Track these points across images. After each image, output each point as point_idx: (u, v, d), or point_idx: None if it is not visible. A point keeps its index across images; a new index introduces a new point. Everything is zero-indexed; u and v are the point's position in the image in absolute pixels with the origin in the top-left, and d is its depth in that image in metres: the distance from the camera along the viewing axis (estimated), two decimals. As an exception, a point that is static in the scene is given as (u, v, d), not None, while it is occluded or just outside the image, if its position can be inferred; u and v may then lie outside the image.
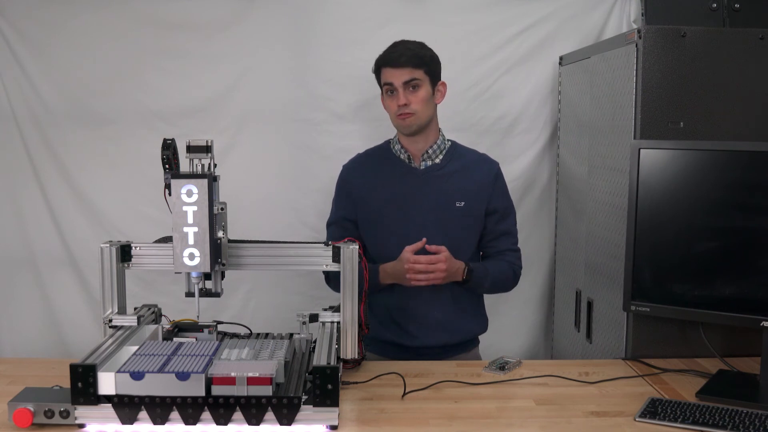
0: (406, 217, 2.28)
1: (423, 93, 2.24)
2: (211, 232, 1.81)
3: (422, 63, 2.23)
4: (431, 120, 2.30)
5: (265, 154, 2.88)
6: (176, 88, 2.82)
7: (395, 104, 2.24)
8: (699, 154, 1.94)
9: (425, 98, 2.24)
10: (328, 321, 1.99)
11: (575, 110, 2.71)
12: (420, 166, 2.32)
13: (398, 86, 2.22)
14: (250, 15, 2.80)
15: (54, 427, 1.61)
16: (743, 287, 1.91)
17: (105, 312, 1.94)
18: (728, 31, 2.34)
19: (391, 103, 2.27)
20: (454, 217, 2.29)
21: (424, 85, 2.24)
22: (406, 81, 2.22)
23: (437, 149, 2.32)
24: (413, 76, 2.22)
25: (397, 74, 2.22)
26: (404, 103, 2.22)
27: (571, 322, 2.74)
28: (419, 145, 2.31)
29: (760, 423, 1.67)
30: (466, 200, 2.29)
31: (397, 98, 2.23)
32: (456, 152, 2.36)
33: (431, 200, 2.29)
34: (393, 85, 2.23)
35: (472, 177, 2.32)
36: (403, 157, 2.34)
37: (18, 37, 2.78)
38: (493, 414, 1.78)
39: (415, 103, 2.23)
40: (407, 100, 2.22)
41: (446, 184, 2.30)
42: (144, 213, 2.80)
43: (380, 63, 2.28)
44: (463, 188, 2.30)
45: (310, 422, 1.61)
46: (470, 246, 2.34)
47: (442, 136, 2.35)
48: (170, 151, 1.83)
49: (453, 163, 2.33)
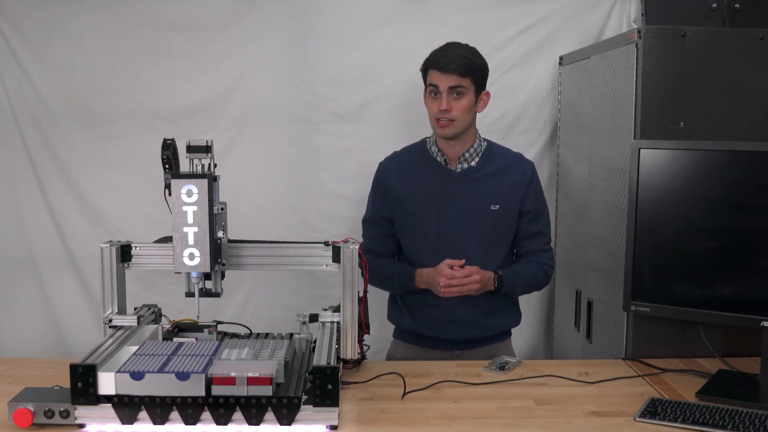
0: (441, 219, 2.28)
1: (466, 102, 2.20)
2: (211, 232, 1.81)
3: (470, 71, 2.20)
4: (470, 126, 2.28)
5: (265, 154, 2.89)
6: (176, 88, 2.82)
7: (437, 107, 2.21)
8: (699, 154, 1.94)
9: (467, 107, 2.21)
10: (328, 321, 1.99)
11: (575, 110, 2.71)
12: (456, 168, 2.31)
13: (443, 90, 2.19)
14: (250, 15, 2.80)
15: (54, 427, 1.61)
16: (743, 287, 1.91)
17: (105, 312, 1.94)
18: (728, 31, 2.34)
19: (433, 105, 2.23)
20: (489, 220, 2.28)
21: (468, 94, 2.20)
22: (451, 86, 2.19)
23: (473, 152, 2.30)
24: (459, 83, 2.18)
25: (444, 79, 2.19)
26: (446, 108, 2.19)
27: (571, 322, 2.74)
28: (456, 149, 2.29)
29: (760, 423, 1.67)
30: (501, 203, 2.29)
31: (439, 101, 2.20)
32: (492, 154, 2.34)
33: (467, 203, 2.28)
34: (438, 88, 2.20)
35: (507, 180, 2.30)
36: (439, 160, 2.32)
37: (18, 37, 2.78)
38: (493, 414, 1.78)
39: (457, 110, 2.19)
40: (449, 105, 2.19)
41: (482, 187, 2.29)
42: (144, 213, 2.80)
43: (429, 64, 2.25)
44: (498, 191, 2.29)
45: (310, 422, 1.61)
46: (505, 247, 2.35)
47: (478, 137, 2.33)
48: (170, 151, 1.83)
49: (489, 166, 2.31)
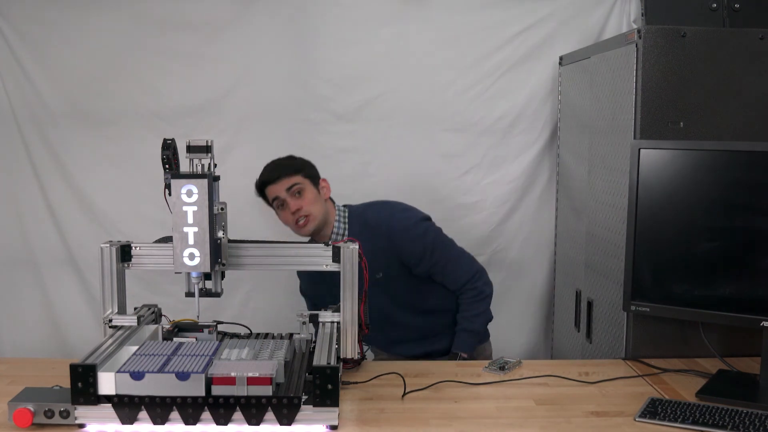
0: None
1: (310, 194, 2.32)
2: (211, 232, 1.81)
3: (296, 170, 2.33)
4: (327, 214, 2.36)
5: (265, 154, 2.86)
6: (176, 88, 2.83)
7: (289, 214, 2.31)
8: (699, 154, 1.94)
9: (313, 198, 2.32)
10: (328, 321, 1.99)
11: (575, 110, 2.71)
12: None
13: (285, 197, 2.30)
14: (250, 15, 2.80)
15: (54, 427, 1.61)
16: (743, 287, 1.91)
17: (105, 312, 1.93)
18: (728, 31, 2.34)
19: (286, 215, 2.33)
20: (381, 290, 2.32)
21: (307, 187, 2.32)
22: (288, 188, 2.30)
23: (336, 236, 2.36)
24: (293, 182, 2.30)
25: (279, 187, 2.31)
26: (297, 207, 2.29)
27: (571, 322, 2.74)
28: (323, 239, 2.36)
29: (760, 423, 1.67)
30: (383, 270, 2.33)
31: (288, 207, 2.30)
32: (354, 225, 2.37)
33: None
34: (279, 197, 2.31)
35: (374, 248, 2.22)
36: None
37: (18, 38, 2.79)
38: (493, 414, 1.78)
39: (306, 204, 2.30)
40: (298, 205, 2.30)
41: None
42: (144, 213, 2.80)
43: (262, 185, 2.36)
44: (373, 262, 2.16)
45: (310, 422, 1.61)
46: (417, 293, 2.38)
47: (338, 214, 2.38)
48: (170, 151, 1.83)
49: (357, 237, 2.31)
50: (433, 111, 2.88)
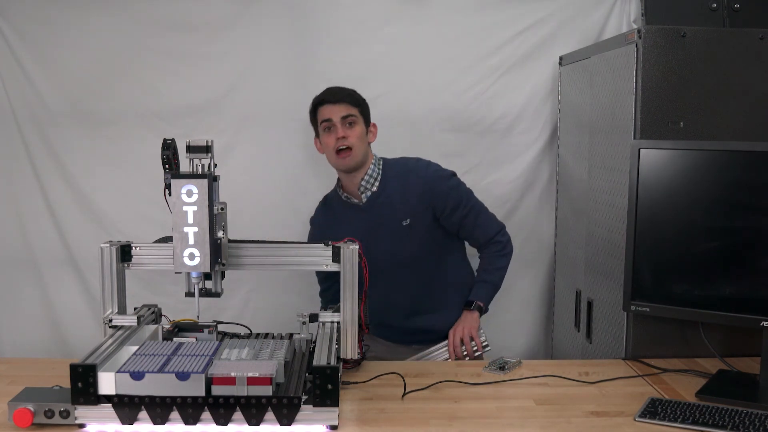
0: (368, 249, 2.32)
1: (359, 130, 2.37)
2: (211, 232, 1.81)
3: (358, 103, 2.39)
4: (366, 156, 2.40)
5: (265, 154, 2.89)
6: (176, 88, 2.82)
7: (333, 139, 2.35)
8: (699, 154, 1.94)
9: (360, 135, 2.37)
10: (328, 321, 1.99)
11: (575, 110, 2.70)
12: (362, 200, 2.42)
13: (336, 122, 2.34)
14: (250, 15, 2.80)
15: (54, 427, 1.61)
16: (743, 287, 1.91)
17: (105, 312, 1.94)
18: (728, 31, 2.34)
19: (329, 138, 2.37)
20: (406, 236, 2.39)
21: (359, 123, 2.38)
22: (343, 116, 2.34)
23: (370, 179, 2.41)
24: (350, 112, 2.36)
25: (336, 110, 2.35)
26: (343, 135, 2.33)
27: (571, 322, 2.74)
28: (356, 180, 2.41)
29: (760, 423, 1.67)
30: (411, 216, 2.39)
31: (335, 132, 2.34)
32: (388, 172, 2.43)
33: (382, 229, 2.39)
34: (331, 120, 2.35)
35: (407, 193, 2.39)
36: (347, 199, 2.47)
37: (18, 38, 2.78)
38: (493, 414, 1.78)
39: (353, 137, 2.35)
40: (345, 133, 2.34)
41: (389, 209, 2.40)
42: (144, 213, 2.80)
43: (318, 102, 2.40)
44: (404, 207, 2.39)
45: (310, 422, 1.61)
46: (433, 253, 2.43)
47: (374, 161, 2.43)
48: (170, 151, 1.83)
49: (389, 186, 2.41)
50: (433, 111, 2.88)
